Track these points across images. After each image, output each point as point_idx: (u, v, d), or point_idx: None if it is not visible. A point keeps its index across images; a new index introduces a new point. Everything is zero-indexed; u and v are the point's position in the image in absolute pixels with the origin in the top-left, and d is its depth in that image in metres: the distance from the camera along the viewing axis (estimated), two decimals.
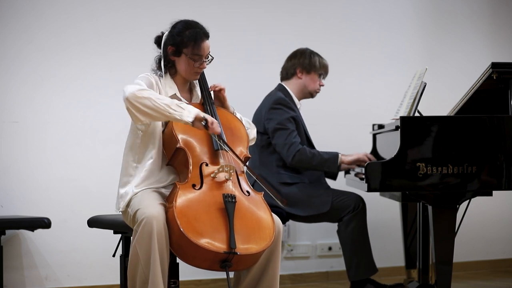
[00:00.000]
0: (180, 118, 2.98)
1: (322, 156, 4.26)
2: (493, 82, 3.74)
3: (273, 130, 4.30)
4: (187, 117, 2.97)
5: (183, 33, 3.19)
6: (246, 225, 2.96)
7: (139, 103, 2.98)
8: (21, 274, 4.37)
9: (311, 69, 4.43)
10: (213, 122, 3.00)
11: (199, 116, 2.99)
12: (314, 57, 4.44)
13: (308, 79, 4.44)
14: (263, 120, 4.34)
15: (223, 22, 4.93)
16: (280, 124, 4.29)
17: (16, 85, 4.43)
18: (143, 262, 2.90)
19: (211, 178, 3.04)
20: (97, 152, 4.57)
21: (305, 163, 4.25)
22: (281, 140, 4.27)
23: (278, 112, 4.31)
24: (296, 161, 4.24)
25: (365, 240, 4.32)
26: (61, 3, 4.53)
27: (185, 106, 3.01)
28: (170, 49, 3.21)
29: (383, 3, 5.46)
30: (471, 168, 3.56)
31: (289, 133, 4.27)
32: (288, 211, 4.27)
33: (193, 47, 3.18)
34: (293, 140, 4.25)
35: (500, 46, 5.74)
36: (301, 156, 4.23)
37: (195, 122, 2.99)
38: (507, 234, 5.69)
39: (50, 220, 4.20)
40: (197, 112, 3.00)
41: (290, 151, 4.24)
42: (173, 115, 2.97)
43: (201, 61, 3.20)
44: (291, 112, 4.33)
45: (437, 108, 4.74)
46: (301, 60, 4.43)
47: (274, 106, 4.33)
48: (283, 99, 4.35)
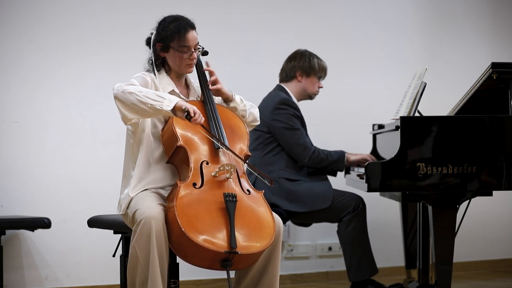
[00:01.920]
0: (160, 108, 2.93)
1: (332, 157, 4.34)
2: (493, 82, 3.74)
3: (283, 129, 4.31)
4: (167, 106, 2.93)
5: (168, 27, 3.19)
6: (247, 224, 2.96)
7: (125, 99, 2.97)
8: (21, 274, 4.37)
9: (310, 72, 4.44)
10: (196, 113, 2.95)
11: (180, 106, 2.94)
12: (314, 60, 4.45)
13: (307, 82, 4.45)
14: (268, 120, 4.35)
15: (223, 22, 4.93)
16: (289, 124, 4.32)
17: (16, 85, 4.44)
18: (142, 262, 2.90)
19: (212, 177, 3.03)
20: (97, 152, 4.57)
21: (318, 164, 4.33)
22: (293, 140, 4.31)
23: (285, 112, 4.33)
24: (311, 163, 4.32)
25: (365, 241, 4.32)
26: (61, 3, 4.53)
27: (167, 96, 2.97)
28: (158, 46, 3.21)
29: (383, 3, 5.46)
30: (471, 168, 3.56)
31: (300, 133, 4.32)
32: (291, 209, 4.27)
33: (179, 39, 3.17)
34: (306, 141, 4.32)
35: (500, 46, 5.74)
36: (316, 158, 4.30)
37: (176, 112, 2.94)
38: (507, 234, 5.69)
39: (50, 220, 4.20)
40: (178, 101, 2.95)
41: (306, 153, 4.30)
42: (154, 105, 2.93)
43: (190, 52, 3.19)
44: (296, 111, 4.36)
45: (437, 108, 4.74)
46: (301, 63, 4.44)
47: (279, 106, 4.34)
48: (288, 99, 4.38)
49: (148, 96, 2.95)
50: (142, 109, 2.96)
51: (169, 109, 2.93)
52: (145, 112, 2.98)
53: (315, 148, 4.32)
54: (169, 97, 2.97)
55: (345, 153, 4.36)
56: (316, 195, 4.28)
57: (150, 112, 2.98)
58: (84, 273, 4.51)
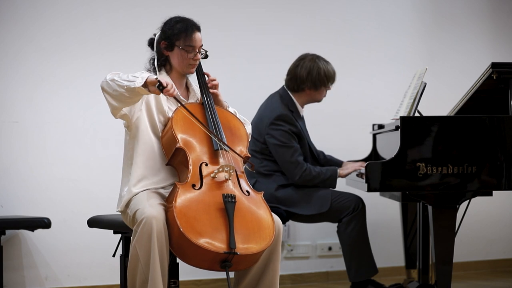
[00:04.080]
0: (134, 86, 2.91)
1: (324, 175, 4.30)
2: (493, 82, 3.74)
3: (276, 146, 4.30)
4: (139, 83, 2.91)
5: (174, 26, 3.21)
6: (246, 225, 2.96)
7: (108, 87, 2.98)
8: (21, 274, 4.37)
9: (320, 85, 4.40)
10: (168, 84, 2.95)
11: (151, 80, 2.93)
12: (322, 72, 4.36)
13: (316, 93, 4.42)
14: (264, 134, 4.33)
15: (223, 22, 4.93)
16: (283, 141, 4.29)
17: (16, 85, 4.43)
18: (142, 262, 2.90)
19: (211, 178, 3.03)
20: (97, 152, 4.57)
21: (309, 182, 4.31)
22: (286, 157, 4.29)
23: (280, 128, 4.30)
24: (301, 180, 4.29)
25: (365, 241, 4.32)
26: (61, 3, 4.53)
27: (139, 74, 2.96)
28: (162, 44, 3.22)
29: (383, 3, 5.46)
30: (471, 168, 3.56)
31: (293, 151, 4.29)
32: (289, 210, 4.27)
33: (185, 38, 3.18)
34: (298, 159, 4.28)
35: (500, 46, 5.74)
36: (306, 176, 4.28)
37: (149, 86, 2.93)
38: (507, 234, 5.69)
39: (50, 220, 4.20)
40: (149, 76, 2.94)
41: (297, 171, 4.27)
42: (129, 85, 2.92)
43: (194, 53, 3.20)
44: (293, 127, 4.33)
45: (437, 108, 4.74)
46: (314, 80, 4.36)
47: (275, 122, 4.31)
48: (285, 115, 4.32)
49: (123, 78, 2.95)
50: (121, 94, 2.96)
51: (141, 85, 2.90)
52: (124, 97, 2.97)
53: (307, 166, 4.29)
54: (141, 75, 2.95)
55: (338, 170, 4.33)
56: (314, 200, 4.28)
57: (127, 96, 2.96)
58: (84, 273, 4.52)
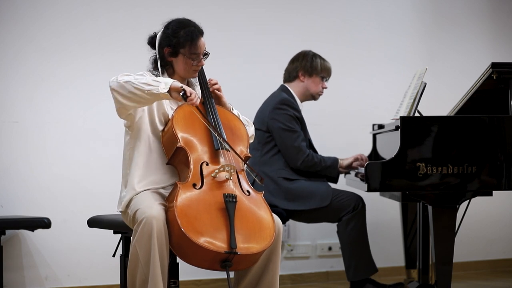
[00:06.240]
0: (157, 92, 2.93)
1: (325, 162, 4.34)
2: (493, 82, 3.74)
3: (280, 130, 4.31)
4: (163, 89, 2.93)
5: (178, 33, 3.18)
6: (247, 225, 2.96)
7: (122, 88, 2.97)
8: (21, 274, 4.37)
9: (312, 72, 4.44)
10: (192, 93, 2.96)
11: (176, 86, 2.94)
12: (316, 60, 4.46)
13: (310, 82, 4.45)
14: (267, 119, 4.35)
15: (223, 22, 4.93)
16: (287, 125, 4.32)
17: (16, 85, 4.43)
18: (143, 262, 2.90)
19: (212, 177, 3.03)
20: (97, 152, 4.57)
21: (311, 168, 4.33)
22: (289, 141, 4.30)
23: (284, 112, 4.33)
24: (303, 166, 4.31)
25: (364, 240, 4.32)
26: (61, 3, 4.53)
27: (162, 79, 2.98)
28: (166, 50, 3.21)
29: (383, 3, 5.46)
30: (471, 168, 3.56)
31: (297, 135, 4.31)
32: (290, 207, 4.27)
33: (190, 47, 3.18)
34: (302, 144, 4.31)
35: (500, 46, 5.74)
36: (308, 162, 4.30)
37: (172, 92, 2.94)
38: (507, 234, 5.69)
39: (50, 220, 4.20)
40: (173, 82, 2.96)
41: (299, 156, 4.30)
42: (151, 90, 2.93)
43: (198, 59, 3.21)
44: (296, 112, 4.36)
45: (437, 108, 4.74)
46: (303, 63, 4.45)
47: (279, 106, 4.35)
48: (288, 100, 4.38)
49: (144, 82, 2.96)
50: (139, 96, 2.96)
51: (166, 91, 2.93)
52: (143, 99, 2.98)
53: (309, 152, 4.32)
54: (164, 80, 2.97)
55: (338, 160, 4.37)
56: (314, 194, 4.29)
57: (147, 98, 2.98)
58: (84, 273, 4.51)
